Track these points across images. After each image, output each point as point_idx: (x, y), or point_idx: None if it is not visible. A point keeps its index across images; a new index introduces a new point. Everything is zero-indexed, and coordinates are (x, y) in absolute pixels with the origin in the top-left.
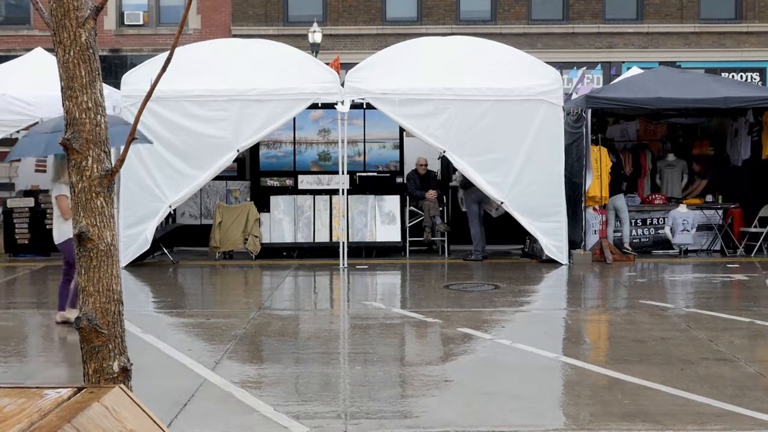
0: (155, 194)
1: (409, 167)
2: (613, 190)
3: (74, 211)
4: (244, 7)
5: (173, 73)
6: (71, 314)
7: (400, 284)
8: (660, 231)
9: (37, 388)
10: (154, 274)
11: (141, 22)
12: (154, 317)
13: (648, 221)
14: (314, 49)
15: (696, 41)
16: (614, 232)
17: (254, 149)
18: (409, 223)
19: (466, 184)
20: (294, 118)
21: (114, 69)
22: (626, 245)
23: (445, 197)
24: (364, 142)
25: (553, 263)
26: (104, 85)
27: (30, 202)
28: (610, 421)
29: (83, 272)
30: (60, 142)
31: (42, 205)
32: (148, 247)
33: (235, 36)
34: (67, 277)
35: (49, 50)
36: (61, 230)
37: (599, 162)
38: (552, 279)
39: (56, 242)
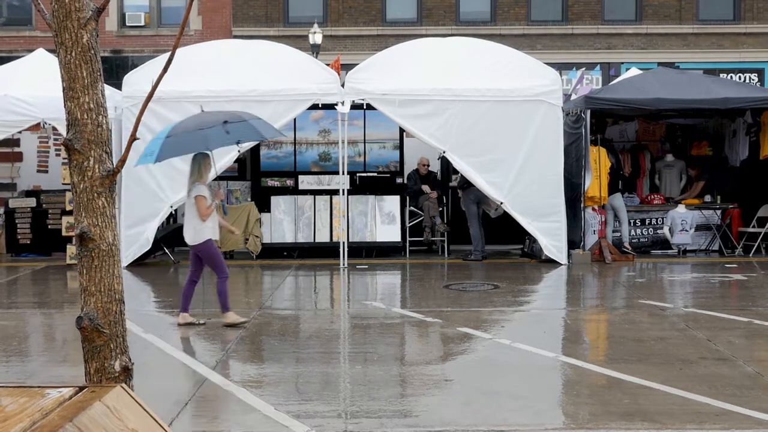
0: (156, 194)
1: (409, 167)
2: (611, 189)
3: (76, 211)
4: (244, 8)
5: (174, 74)
6: (188, 319)
7: (400, 284)
8: (659, 231)
9: (38, 387)
10: (156, 274)
11: (142, 23)
12: (155, 317)
13: (647, 221)
14: (315, 50)
15: (694, 42)
16: (613, 232)
17: (255, 149)
18: (409, 223)
19: (464, 185)
20: (294, 119)
21: (115, 70)
22: (626, 245)
23: (445, 197)
24: (365, 142)
25: (552, 263)
26: (106, 85)
27: (32, 202)
28: (610, 421)
29: (85, 272)
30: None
31: (44, 206)
32: (149, 247)
33: (235, 37)
34: (194, 278)
35: (50, 51)
36: (197, 231)
37: (598, 162)
38: (551, 279)
39: (191, 243)
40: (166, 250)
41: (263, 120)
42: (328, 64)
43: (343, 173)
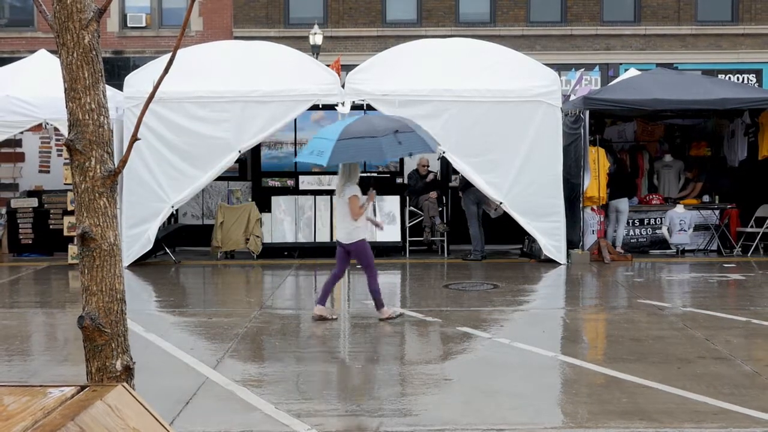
0: (158, 195)
1: (408, 168)
2: (618, 193)
3: (77, 211)
4: (245, 9)
5: (175, 75)
6: (323, 312)
7: (400, 284)
8: (657, 231)
9: (40, 386)
10: (157, 274)
11: (143, 24)
12: (156, 316)
13: (645, 221)
14: (315, 51)
15: (693, 43)
16: (614, 232)
17: (256, 150)
18: (409, 223)
19: (464, 186)
20: (295, 119)
21: (117, 70)
22: (618, 248)
23: (444, 197)
24: None
25: (551, 263)
26: (107, 86)
27: (34, 202)
28: (608, 420)
29: (86, 271)
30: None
31: (45, 206)
32: (150, 246)
33: (236, 38)
34: (338, 274)
35: (52, 52)
36: (351, 231)
37: (597, 163)
38: (550, 278)
39: (344, 242)
40: (167, 250)
41: (423, 129)
42: (328, 65)
43: None
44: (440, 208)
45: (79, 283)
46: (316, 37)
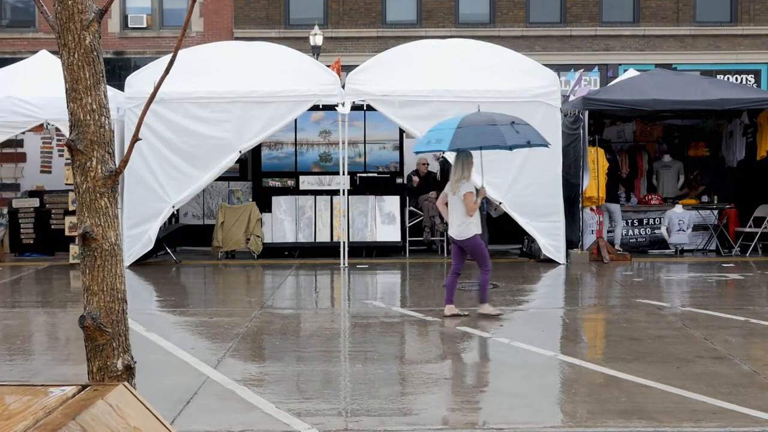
0: (159, 195)
1: (408, 168)
2: (609, 195)
3: (78, 211)
4: (246, 10)
5: (176, 75)
6: (453, 310)
7: (400, 283)
8: (656, 231)
9: (42, 385)
10: (158, 274)
11: (144, 25)
12: (157, 316)
13: (644, 221)
14: (315, 51)
15: (692, 44)
16: (608, 232)
17: (256, 150)
18: (409, 223)
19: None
20: (295, 120)
21: (118, 71)
22: (617, 246)
23: None
24: (365, 143)
25: (550, 263)
26: (108, 87)
27: (35, 202)
28: (607, 419)
29: (87, 271)
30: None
31: (47, 206)
32: (151, 246)
33: (237, 39)
34: (457, 271)
35: (53, 53)
36: (465, 226)
37: (596, 163)
38: (550, 278)
39: (457, 237)
40: (168, 250)
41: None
42: (328, 66)
43: (343, 173)
44: None
45: (81, 283)
46: (317, 38)
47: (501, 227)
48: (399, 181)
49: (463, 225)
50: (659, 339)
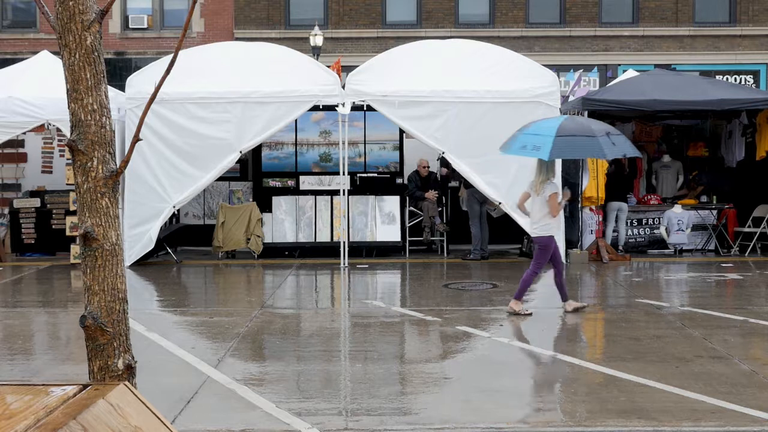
0: (159, 195)
1: (408, 168)
2: (618, 194)
3: (79, 211)
4: (246, 11)
5: (177, 76)
6: (571, 306)
7: (400, 283)
8: (655, 231)
9: (43, 385)
10: (158, 274)
11: (145, 26)
12: (158, 316)
13: (643, 221)
14: (315, 52)
15: (691, 44)
16: (613, 232)
17: (257, 150)
18: (409, 223)
19: (470, 183)
20: (296, 120)
21: (119, 72)
22: (621, 246)
23: (444, 198)
24: (365, 143)
25: (550, 262)
26: (109, 87)
27: (36, 202)
28: (607, 418)
29: (88, 271)
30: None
31: (48, 206)
32: (152, 246)
33: (237, 39)
34: (557, 269)
35: (55, 53)
36: (545, 226)
37: (595, 163)
38: (549, 278)
39: (535, 236)
40: (169, 250)
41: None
42: (328, 66)
43: (343, 174)
44: (440, 209)
45: (81, 283)
46: (317, 38)
47: (501, 227)
48: (399, 181)
49: (543, 224)
50: (658, 338)
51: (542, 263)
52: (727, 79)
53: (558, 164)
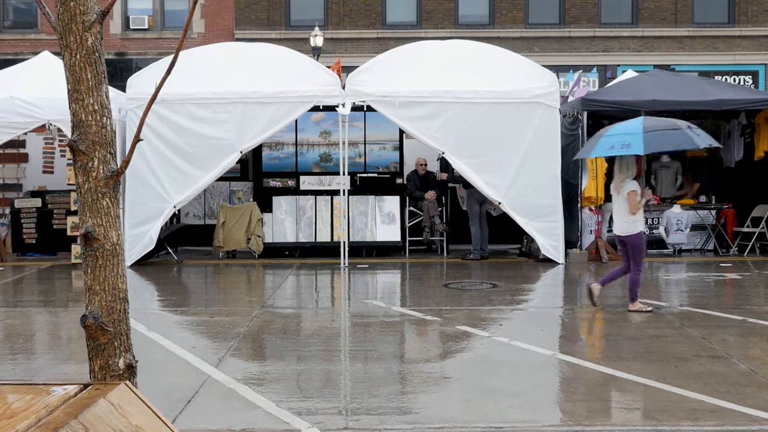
0: (160, 195)
1: (408, 168)
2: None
3: (80, 211)
4: (247, 11)
5: (177, 76)
6: (636, 306)
7: (400, 283)
8: (654, 231)
9: (44, 384)
10: (159, 273)
11: (146, 26)
12: (159, 315)
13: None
14: (316, 52)
15: (690, 45)
16: (608, 231)
17: (257, 151)
18: (409, 223)
19: (469, 183)
20: (296, 121)
21: (119, 72)
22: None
23: (444, 198)
24: (365, 143)
25: (549, 262)
26: (110, 87)
27: (37, 202)
28: (606, 417)
29: (89, 271)
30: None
31: (49, 206)
32: (153, 246)
33: (238, 40)
34: (638, 268)
35: (56, 54)
36: (630, 223)
37: (595, 163)
38: (548, 278)
39: (621, 234)
40: (170, 250)
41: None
42: (329, 67)
43: (343, 174)
44: (439, 209)
45: (82, 283)
46: (317, 39)
47: (500, 227)
48: (399, 181)
49: (627, 222)
50: (657, 338)
51: (641, 260)
52: (726, 79)
53: (559, 164)
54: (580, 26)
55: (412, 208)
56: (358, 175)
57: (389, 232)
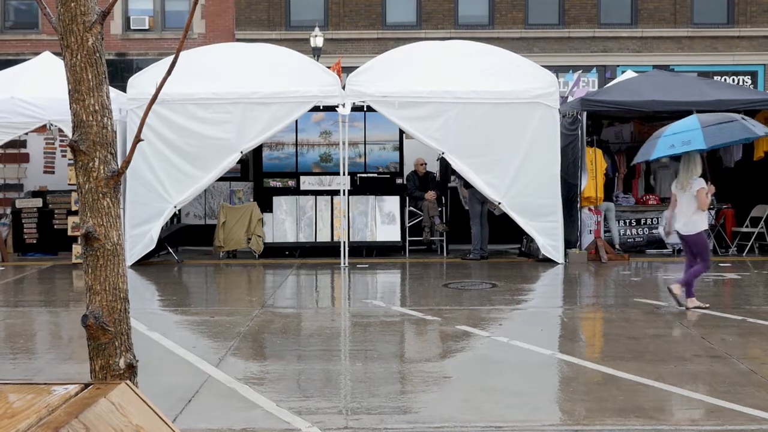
0: (160, 195)
1: (408, 168)
2: (604, 195)
3: (81, 211)
4: (247, 12)
5: (178, 77)
6: (692, 303)
7: (400, 283)
8: (654, 231)
9: (45, 384)
10: (160, 273)
11: (146, 27)
12: (159, 315)
13: (642, 221)
14: (316, 53)
15: (689, 45)
16: (605, 232)
17: (257, 151)
18: (409, 223)
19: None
20: (296, 121)
21: (120, 72)
22: (617, 245)
23: (443, 198)
24: (365, 143)
25: (549, 262)
26: (111, 88)
27: (38, 202)
28: (605, 417)
29: (90, 271)
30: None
31: (50, 206)
32: (153, 246)
33: (238, 40)
34: (705, 263)
35: (56, 54)
36: (693, 222)
37: (594, 163)
38: (548, 278)
39: (684, 233)
40: (170, 250)
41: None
42: (329, 67)
43: (343, 174)
44: (439, 209)
45: (83, 283)
46: (317, 40)
47: (500, 227)
48: (399, 181)
49: (691, 220)
50: (657, 338)
51: (707, 255)
52: (725, 79)
53: (558, 164)
54: (579, 27)
55: (412, 208)
56: (358, 175)
57: (389, 232)
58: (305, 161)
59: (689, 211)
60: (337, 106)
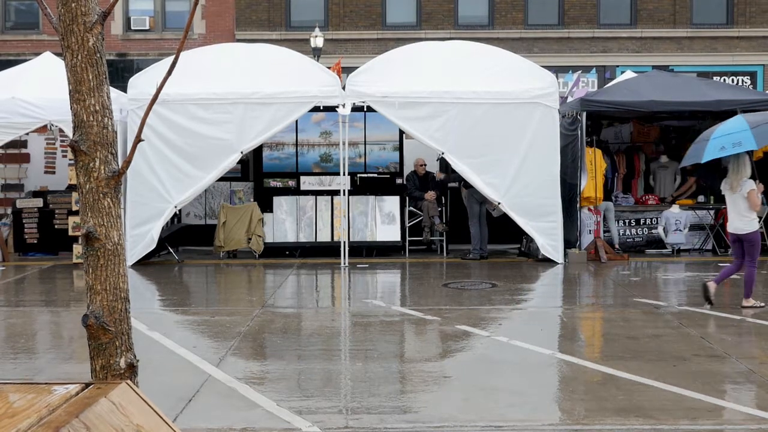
0: (161, 195)
1: (408, 168)
2: (603, 195)
3: (82, 211)
4: (247, 12)
5: (178, 77)
6: (749, 302)
7: (400, 283)
8: (653, 231)
9: (45, 383)
10: (160, 273)
11: (147, 27)
12: (160, 315)
13: (641, 221)
14: (316, 53)
15: (688, 46)
16: (605, 232)
17: (258, 151)
18: (409, 223)
19: (469, 183)
20: (296, 121)
21: (121, 73)
22: (616, 245)
23: (443, 198)
24: (365, 144)
25: (548, 262)
26: (111, 88)
27: (39, 202)
28: (605, 416)
29: (91, 271)
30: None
31: (50, 206)
32: (154, 246)
33: (239, 41)
34: (753, 263)
35: (57, 54)
36: (747, 222)
37: (594, 163)
38: (548, 278)
39: (739, 232)
40: (171, 250)
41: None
42: (329, 67)
43: (343, 174)
44: (439, 209)
45: (84, 282)
46: (317, 40)
47: (500, 227)
48: (399, 181)
49: (744, 220)
50: (656, 337)
51: (756, 255)
52: (724, 80)
53: (558, 164)
54: (579, 27)
55: (411, 208)
56: (358, 175)
57: (389, 232)
58: (305, 161)
59: (741, 211)
60: (337, 107)
